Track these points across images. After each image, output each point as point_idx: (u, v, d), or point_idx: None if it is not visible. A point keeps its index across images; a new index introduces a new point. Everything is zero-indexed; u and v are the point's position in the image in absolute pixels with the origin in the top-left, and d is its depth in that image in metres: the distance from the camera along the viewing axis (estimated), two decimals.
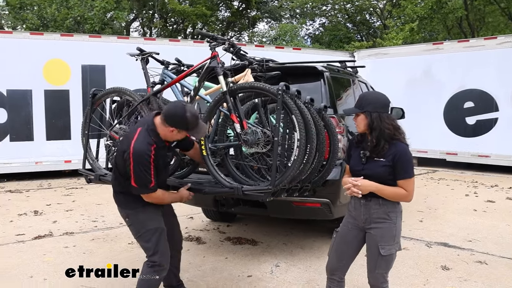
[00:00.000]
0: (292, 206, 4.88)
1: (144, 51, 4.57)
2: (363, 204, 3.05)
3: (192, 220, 6.83)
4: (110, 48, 10.98)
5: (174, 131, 3.27)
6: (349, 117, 5.57)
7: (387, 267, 3.04)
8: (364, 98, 3.05)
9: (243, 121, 3.75)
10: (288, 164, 3.64)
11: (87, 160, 4.75)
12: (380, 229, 3.00)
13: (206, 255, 5.17)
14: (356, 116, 3.06)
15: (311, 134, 3.61)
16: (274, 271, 4.69)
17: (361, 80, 7.12)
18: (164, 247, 3.45)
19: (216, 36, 3.99)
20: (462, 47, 12.39)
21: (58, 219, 6.88)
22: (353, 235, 3.14)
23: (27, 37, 10.69)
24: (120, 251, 5.28)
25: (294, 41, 25.24)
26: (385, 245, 2.97)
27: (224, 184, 3.81)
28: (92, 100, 4.66)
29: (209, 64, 3.98)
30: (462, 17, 24.85)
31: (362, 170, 3.04)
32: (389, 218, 3.00)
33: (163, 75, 4.49)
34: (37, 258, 5.05)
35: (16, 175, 10.65)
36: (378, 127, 2.92)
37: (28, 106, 10.51)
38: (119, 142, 4.12)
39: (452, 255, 5.19)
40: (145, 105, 4.26)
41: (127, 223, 3.53)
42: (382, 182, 2.95)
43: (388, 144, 2.94)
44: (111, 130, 4.49)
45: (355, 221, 3.13)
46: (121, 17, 19.02)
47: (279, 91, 3.55)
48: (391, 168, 2.93)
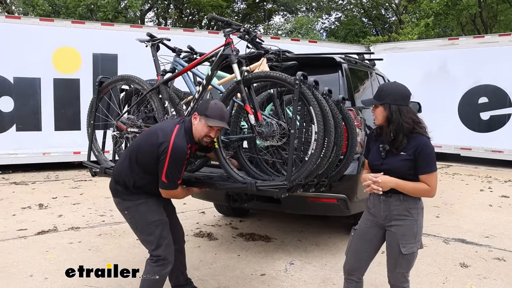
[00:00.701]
0: (307, 201, 4.72)
1: (154, 37, 4.37)
2: (383, 201, 2.89)
3: (204, 215, 6.65)
4: (122, 37, 10.75)
5: (196, 118, 3.23)
6: (367, 109, 5.39)
7: (408, 266, 2.88)
8: (384, 89, 2.88)
9: (258, 112, 3.55)
10: (305, 159, 3.43)
11: (93, 151, 4.55)
12: (401, 227, 2.85)
13: (217, 252, 4.99)
14: (375, 107, 2.89)
15: (329, 127, 3.41)
16: (289, 269, 4.50)
17: (378, 73, 6.93)
18: (168, 239, 3.30)
19: (231, 21, 3.77)
20: (477, 42, 12.41)
21: (64, 213, 6.68)
22: (372, 233, 2.99)
23: (37, 23, 10.48)
24: (127, 248, 5.10)
25: (310, 34, 25.08)
26: (406, 244, 2.82)
27: (237, 179, 3.60)
28: (99, 88, 4.47)
29: (222, 51, 3.78)
30: (476, 14, 24.94)
31: (381, 165, 2.89)
32: (410, 215, 2.84)
33: (175, 63, 4.27)
34: (39, 255, 4.84)
35: (22, 166, 10.48)
36: (397, 120, 2.77)
37: (36, 95, 10.31)
38: (140, 133, 3.84)
39: (470, 251, 5.10)
40: (154, 94, 4.07)
41: (125, 216, 3.36)
42: (402, 177, 2.80)
43: (407, 138, 2.80)
44: (118, 120, 4.29)
45: (375, 218, 2.97)
46: (135, 6, 18.79)
47: (296, 81, 3.35)
48: (412, 162, 2.79)
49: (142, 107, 4.30)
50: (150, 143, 3.18)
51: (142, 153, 3.22)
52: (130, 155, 3.28)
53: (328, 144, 3.44)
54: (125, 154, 3.40)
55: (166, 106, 4.01)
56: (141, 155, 3.22)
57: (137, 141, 3.37)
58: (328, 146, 3.45)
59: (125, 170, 3.27)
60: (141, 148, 3.24)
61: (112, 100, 4.53)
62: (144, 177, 3.23)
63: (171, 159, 3.10)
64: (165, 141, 3.11)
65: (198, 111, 3.28)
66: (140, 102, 4.25)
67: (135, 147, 3.30)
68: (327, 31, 32.13)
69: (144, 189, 3.26)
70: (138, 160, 3.23)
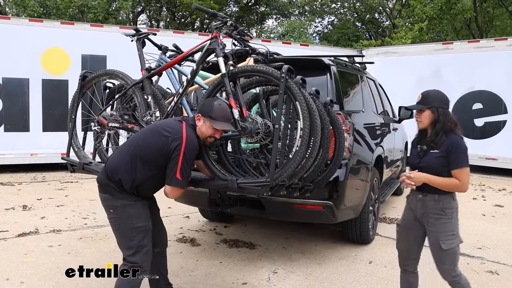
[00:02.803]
0: (292, 208, 4.59)
1: (140, 31, 4.29)
2: (419, 200, 3.18)
3: (188, 220, 6.52)
4: (112, 38, 10.61)
5: (200, 120, 3.20)
6: (356, 114, 5.29)
7: (453, 261, 3.11)
8: (430, 95, 3.20)
9: (243, 108, 3.44)
10: (289, 156, 3.32)
11: (72, 147, 4.46)
12: (437, 225, 3.11)
13: (199, 259, 4.85)
14: (421, 112, 3.17)
15: (315, 125, 3.32)
16: (272, 278, 4.36)
17: (369, 77, 6.83)
18: (148, 247, 3.18)
19: (217, 13, 3.69)
20: (472, 47, 12.25)
21: (47, 215, 6.56)
22: (414, 225, 3.26)
23: (26, 23, 10.43)
24: (107, 252, 4.96)
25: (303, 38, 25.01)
26: (445, 240, 3.06)
27: (218, 175, 3.48)
28: (81, 82, 4.37)
29: (209, 45, 3.70)
30: (471, 18, 24.82)
31: (419, 163, 3.20)
32: (445, 214, 3.09)
33: (160, 61, 4.19)
34: (17, 258, 4.72)
35: (10, 167, 10.36)
36: (443, 121, 3.09)
37: (25, 96, 10.24)
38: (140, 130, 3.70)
39: (461, 263, 4.78)
40: (137, 89, 3.97)
41: (109, 215, 3.20)
42: (436, 174, 3.07)
43: (446, 136, 3.09)
44: (100, 115, 4.19)
45: (414, 213, 3.25)
46: (125, 7, 18.65)
47: (282, 74, 3.27)
48: (445, 159, 3.06)
49: (125, 102, 4.22)
50: (158, 140, 3.08)
51: (148, 150, 3.10)
52: (133, 152, 3.14)
53: (314, 143, 3.35)
54: (124, 150, 3.23)
55: (149, 101, 3.92)
56: (148, 152, 3.10)
57: (140, 137, 3.22)
58: (314, 146, 3.36)
59: (125, 167, 3.12)
60: (148, 145, 3.11)
61: (95, 96, 4.48)
62: (147, 175, 3.11)
63: (185, 155, 3.03)
64: (178, 137, 3.05)
65: (201, 112, 3.21)
66: (123, 96, 4.17)
67: (139, 143, 3.16)
68: (320, 35, 32.11)
69: (141, 189, 3.14)
70: (142, 157, 3.10)
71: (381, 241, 5.62)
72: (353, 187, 4.90)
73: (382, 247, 5.40)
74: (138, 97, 3.95)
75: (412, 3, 22.31)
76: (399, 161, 8.00)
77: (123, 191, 3.12)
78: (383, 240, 5.69)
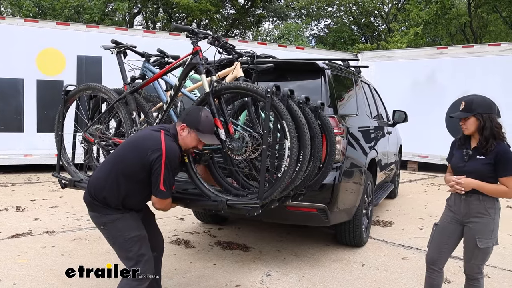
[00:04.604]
0: (286, 211, 4.59)
1: (120, 44, 4.20)
2: (463, 200, 3.24)
3: (182, 222, 6.51)
4: (108, 40, 10.49)
5: (185, 130, 3.13)
6: (350, 118, 5.31)
7: (483, 259, 3.24)
8: (474, 102, 3.20)
9: (229, 125, 3.39)
10: (278, 175, 3.29)
11: (62, 163, 4.39)
12: (479, 223, 3.18)
13: (193, 261, 4.85)
14: (466, 119, 3.21)
15: (304, 140, 3.30)
16: (265, 281, 4.37)
17: (364, 80, 6.85)
18: (148, 255, 3.15)
19: (197, 31, 3.58)
20: (466, 52, 12.29)
21: (41, 216, 6.54)
22: (453, 228, 3.33)
23: (21, 24, 10.34)
24: (101, 254, 4.95)
25: (298, 41, 25.03)
26: (483, 239, 3.16)
27: (208, 195, 3.47)
28: (65, 97, 4.32)
29: (190, 60, 3.62)
30: (466, 23, 24.96)
31: (464, 167, 3.24)
32: (488, 214, 3.17)
33: (144, 69, 4.11)
34: (10, 259, 4.70)
35: (4, 167, 10.31)
36: (489, 127, 3.12)
37: (19, 96, 10.17)
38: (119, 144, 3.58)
39: (454, 266, 4.88)
40: (122, 105, 3.93)
41: (102, 231, 3.18)
42: (482, 179, 3.13)
43: (496, 142, 3.12)
44: (86, 131, 4.14)
45: (455, 215, 3.32)
46: (121, 8, 18.61)
47: (267, 93, 3.17)
48: (493, 166, 3.12)
49: (110, 118, 4.17)
50: (137, 154, 3.00)
51: (129, 165, 3.03)
52: (112, 168, 3.08)
53: (304, 157, 3.33)
54: (104, 168, 3.15)
55: (134, 117, 3.88)
56: (129, 167, 3.03)
57: (120, 153, 3.14)
58: (303, 159, 3.33)
59: (108, 185, 3.06)
60: (128, 160, 3.04)
61: (80, 110, 4.43)
62: (131, 189, 3.06)
63: (166, 165, 2.97)
64: (157, 148, 2.97)
65: (187, 122, 3.12)
66: (107, 113, 4.12)
67: (119, 159, 3.09)
68: (316, 38, 32.16)
69: (127, 203, 3.09)
70: (124, 172, 3.04)
71: (374, 244, 5.64)
72: (347, 190, 4.92)
73: (375, 250, 5.42)
74: (122, 113, 3.89)
75: (408, 7, 22.42)
76: (393, 164, 8.03)
77: (109, 208, 3.08)
78: (376, 243, 5.71)
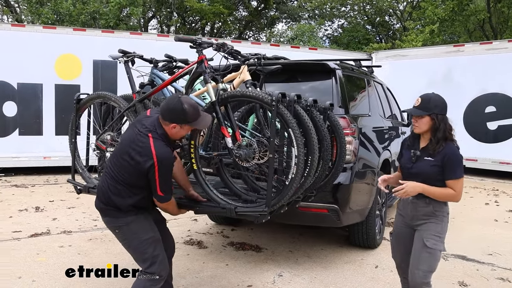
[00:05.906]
0: (297, 211, 4.54)
1: (127, 52, 4.27)
2: (410, 202, 3.16)
3: (196, 223, 6.58)
4: (122, 44, 10.62)
5: (176, 127, 3.08)
6: (362, 118, 5.29)
7: (430, 265, 3.04)
8: (431, 101, 3.11)
9: (236, 133, 3.41)
10: (286, 183, 3.30)
11: (76, 169, 4.48)
12: (426, 224, 3.10)
13: (206, 261, 4.91)
14: (420, 117, 3.11)
15: (312, 145, 3.30)
16: (277, 281, 4.40)
17: (377, 80, 6.82)
18: (162, 255, 3.22)
19: (201, 41, 3.61)
20: (484, 49, 11.99)
21: (59, 216, 6.71)
22: (407, 232, 3.24)
23: (40, 30, 10.65)
24: (116, 253, 5.05)
25: (312, 41, 24.90)
26: (430, 238, 3.04)
27: (218, 202, 3.50)
28: (76, 105, 4.41)
29: (195, 69, 3.66)
30: (485, 19, 24.33)
31: (411, 168, 3.16)
32: (435, 216, 3.09)
33: (152, 76, 4.19)
34: (29, 258, 4.86)
35: (24, 169, 10.58)
36: (443, 129, 3.05)
37: (38, 100, 10.47)
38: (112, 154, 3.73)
39: (471, 269, 4.84)
40: (131, 113, 4.00)
41: (116, 235, 3.24)
42: (429, 182, 3.04)
43: (445, 143, 3.05)
44: (98, 139, 4.23)
45: (404, 219, 3.25)
46: (136, 13, 18.81)
47: (273, 102, 3.16)
48: (440, 168, 3.02)
49: (121, 125, 4.26)
50: (131, 164, 3.02)
51: (126, 174, 3.06)
52: (114, 176, 3.12)
53: (312, 162, 3.33)
54: (108, 174, 3.18)
55: None
56: (126, 176, 3.07)
57: (116, 162, 3.14)
58: (312, 164, 3.34)
59: (114, 190, 3.11)
60: (123, 169, 3.07)
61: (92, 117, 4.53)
62: (135, 193, 3.11)
63: (160, 171, 2.98)
64: (148, 157, 2.96)
65: (176, 121, 3.06)
66: (118, 121, 4.21)
67: (116, 168, 3.11)
68: (330, 38, 31.91)
69: (137, 205, 3.14)
70: (124, 181, 3.08)
71: (388, 246, 5.52)
72: (359, 191, 4.90)
73: (389, 251, 5.31)
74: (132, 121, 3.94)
75: (423, 5, 22.01)
76: None
77: (121, 211, 3.13)
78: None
